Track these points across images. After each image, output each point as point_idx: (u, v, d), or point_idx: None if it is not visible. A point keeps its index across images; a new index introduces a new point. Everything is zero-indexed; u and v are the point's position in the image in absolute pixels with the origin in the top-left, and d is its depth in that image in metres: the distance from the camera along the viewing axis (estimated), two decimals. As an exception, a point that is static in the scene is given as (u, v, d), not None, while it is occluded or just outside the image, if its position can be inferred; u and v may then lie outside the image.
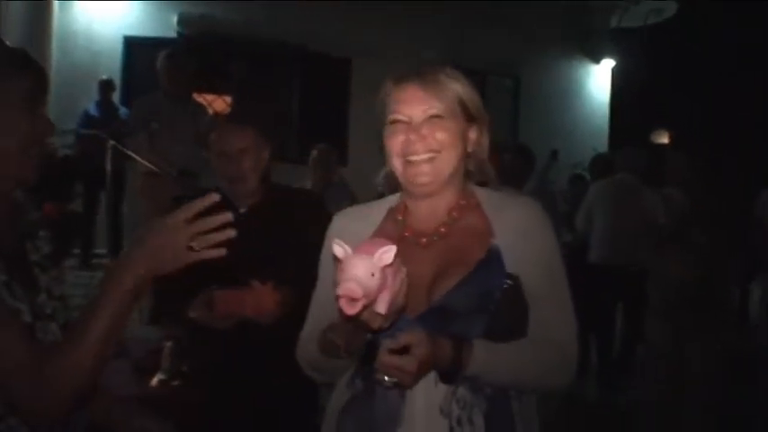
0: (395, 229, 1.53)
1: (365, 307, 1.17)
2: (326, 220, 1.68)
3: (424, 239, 1.49)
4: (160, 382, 2.60)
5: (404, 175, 1.48)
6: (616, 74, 10.77)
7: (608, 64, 10.62)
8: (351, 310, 1.16)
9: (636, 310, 4.70)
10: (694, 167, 3.80)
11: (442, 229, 1.49)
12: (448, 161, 1.46)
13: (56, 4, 7.60)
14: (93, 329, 1.24)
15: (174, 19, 8.03)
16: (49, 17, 7.50)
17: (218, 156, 2.41)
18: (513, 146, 6.25)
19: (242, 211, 2.42)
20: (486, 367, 1.37)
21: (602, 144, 10.30)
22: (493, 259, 1.43)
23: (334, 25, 8.33)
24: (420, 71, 1.47)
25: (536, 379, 1.46)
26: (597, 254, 5.38)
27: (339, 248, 1.20)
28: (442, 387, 1.39)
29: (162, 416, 1.75)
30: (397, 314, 1.27)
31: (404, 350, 1.29)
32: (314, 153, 5.36)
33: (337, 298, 1.17)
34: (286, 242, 2.25)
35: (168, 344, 2.61)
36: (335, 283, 1.19)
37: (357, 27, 8.44)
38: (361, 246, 1.20)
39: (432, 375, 1.37)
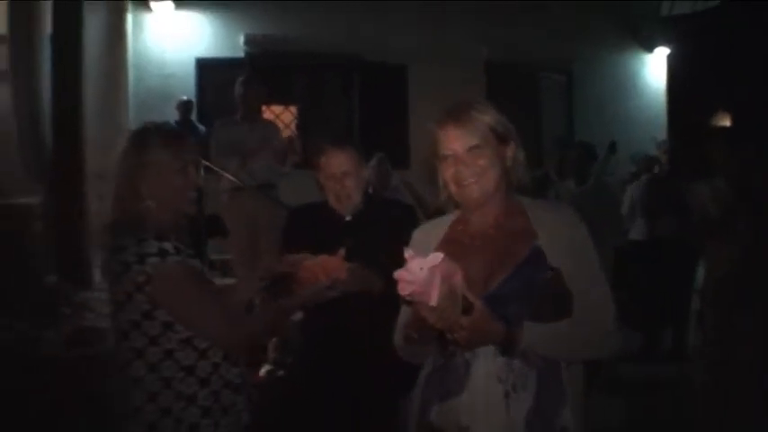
0: (456, 236, 1.94)
1: (416, 295, 1.56)
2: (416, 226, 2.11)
3: (478, 242, 1.88)
4: (267, 372, 2.98)
5: (459, 196, 1.88)
6: (671, 61, 10.76)
7: (662, 52, 10.61)
8: (403, 291, 1.55)
9: None
10: (745, 157, 3.90)
11: (491, 232, 1.87)
12: (490, 180, 1.85)
13: (129, 35, 8.15)
14: (266, 323, 2.26)
15: (241, 39, 8.50)
16: (124, 48, 8.05)
17: (326, 177, 2.76)
18: (577, 143, 6.58)
19: (347, 219, 2.78)
20: (535, 343, 1.71)
21: (662, 132, 10.33)
22: (536, 256, 1.78)
23: (387, 33, 8.68)
24: (453, 112, 1.86)
25: (578, 351, 1.81)
26: None
27: (407, 251, 1.58)
28: (500, 360, 1.74)
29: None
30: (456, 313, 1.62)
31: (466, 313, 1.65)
32: (372, 162, 5.86)
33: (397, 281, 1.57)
34: (384, 245, 2.58)
35: (273, 339, 2.98)
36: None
37: (409, 32, 8.75)
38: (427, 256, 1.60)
39: (491, 350, 1.73)
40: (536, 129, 9.63)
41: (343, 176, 2.73)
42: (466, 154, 1.84)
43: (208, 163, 4.70)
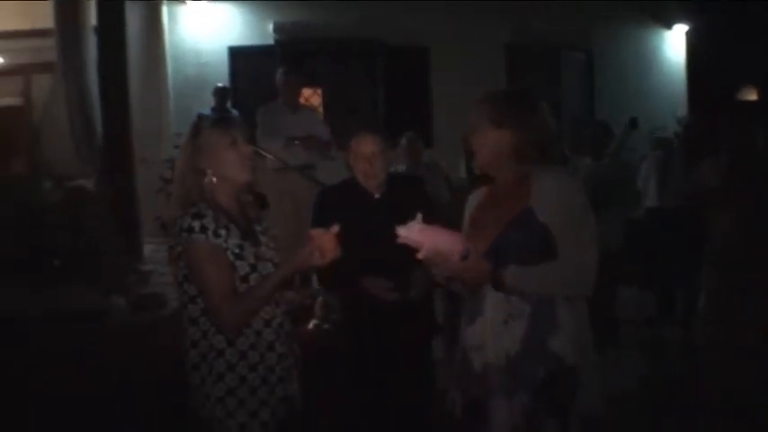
0: (484, 198, 2.45)
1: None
2: (429, 198, 2.74)
3: (493, 203, 2.36)
4: (315, 326, 3.39)
5: None
6: (690, 37, 10.92)
7: (681, 29, 10.79)
8: (401, 241, 2.10)
9: None
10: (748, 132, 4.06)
11: (501, 195, 2.33)
12: (484, 156, 2.32)
13: (165, 28, 8.59)
14: (256, 299, 2.24)
15: (270, 27, 8.92)
16: (162, 40, 8.51)
17: (355, 157, 3.13)
18: (592, 121, 6.91)
19: (377, 197, 3.15)
20: (516, 281, 2.16)
21: (683, 107, 10.49)
22: (526, 215, 2.20)
23: (410, 17, 8.99)
24: (477, 101, 2.35)
25: (559, 287, 2.21)
26: None
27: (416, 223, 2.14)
28: (501, 294, 2.19)
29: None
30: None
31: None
32: (403, 141, 6.11)
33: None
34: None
35: (320, 298, 3.40)
36: None
37: (432, 16, 9.02)
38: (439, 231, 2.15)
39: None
40: (558, 106, 9.82)
41: (371, 157, 3.09)
42: (473, 134, 2.34)
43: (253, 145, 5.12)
